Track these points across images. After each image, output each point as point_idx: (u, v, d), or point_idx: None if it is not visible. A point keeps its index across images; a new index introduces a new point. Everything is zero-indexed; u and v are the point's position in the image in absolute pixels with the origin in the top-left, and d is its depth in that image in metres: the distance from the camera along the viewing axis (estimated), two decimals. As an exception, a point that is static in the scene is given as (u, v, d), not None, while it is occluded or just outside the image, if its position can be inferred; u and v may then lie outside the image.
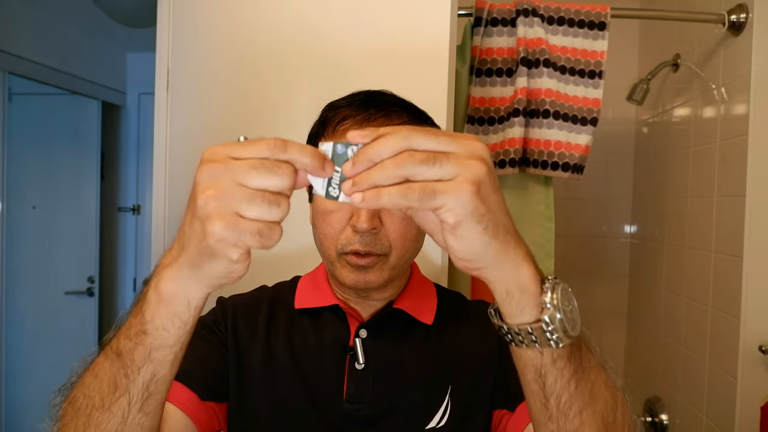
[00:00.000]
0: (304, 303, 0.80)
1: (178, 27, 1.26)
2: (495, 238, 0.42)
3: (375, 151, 0.40)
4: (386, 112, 0.71)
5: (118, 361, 0.50)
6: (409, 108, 0.75)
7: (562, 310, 0.45)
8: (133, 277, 3.09)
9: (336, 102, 0.76)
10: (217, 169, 0.40)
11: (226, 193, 0.39)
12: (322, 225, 0.72)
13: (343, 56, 1.19)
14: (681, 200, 1.75)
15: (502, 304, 0.47)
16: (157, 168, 1.28)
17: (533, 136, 1.41)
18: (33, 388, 2.68)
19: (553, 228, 1.47)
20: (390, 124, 0.69)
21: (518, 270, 0.45)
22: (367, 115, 0.71)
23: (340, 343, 0.77)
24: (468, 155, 0.41)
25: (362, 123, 0.70)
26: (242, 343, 0.77)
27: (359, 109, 0.72)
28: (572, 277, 2.36)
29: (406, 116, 0.73)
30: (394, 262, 0.72)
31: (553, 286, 0.46)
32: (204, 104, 1.25)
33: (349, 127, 0.70)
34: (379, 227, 0.70)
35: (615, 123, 2.20)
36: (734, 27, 1.42)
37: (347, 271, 0.72)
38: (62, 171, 2.86)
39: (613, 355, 2.24)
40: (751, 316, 1.35)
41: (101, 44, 2.87)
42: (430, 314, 0.80)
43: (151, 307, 0.47)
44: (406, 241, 0.72)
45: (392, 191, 0.40)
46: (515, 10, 1.40)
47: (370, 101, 0.73)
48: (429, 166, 0.39)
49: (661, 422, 1.81)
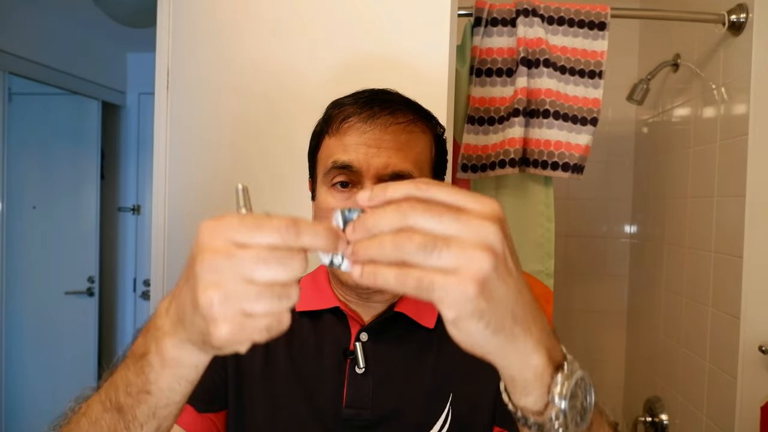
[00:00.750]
0: (305, 305, 0.79)
1: (178, 27, 1.26)
2: (499, 333, 0.38)
3: (373, 223, 0.37)
4: (391, 110, 0.71)
5: (119, 416, 0.47)
6: (414, 107, 0.75)
7: (571, 405, 0.41)
8: (133, 277, 3.09)
9: (340, 100, 0.76)
10: (219, 261, 0.35)
11: (232, 293, 0.35)
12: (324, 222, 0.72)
13: (342, 55, 1.19)
14: (681, 200, 1.75)
15: (507, 387, 0.44)
16: (157, 168, 1.28)
17: (533, 136, 1.41)
18: (33, 388, 2.68)
19: (553, 228, 1.47)
20: (395, 122, 0.70)
21: (526, 360, 0.41)
22: (371, 113, 0.71)
23: (340, 346, 0.76)
24: (474, 243, 0.36)
25: (367, 120, 0.70)
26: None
27: (364, 106, 0.71)
28: (572, 277, 2.37)
29: (411, 114, 0.73)
30: None
31: (567, 377, 0.42)
32: (204, 104, 1.25)
33: (353, 124, 0.70)
34: None
35: (615, 123, 2.20)
36: (734, 27, 1.42)
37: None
38: (62, 171, 2.86)
39: (613, 355, 2.25)
40: (751, 316, 1.35)
41: (101, 44, 2.87)
42: (432, 318, 0.78)
43: (155, 370, 0.44)
44: None
45: (389, 275, 0.36)
46: (515, 10, 1.40)
47: (375, 99, 0.72)
48: (428, 254, 0.35)
49: (661, 422, 1.81)
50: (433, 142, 0.76)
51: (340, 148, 0.71)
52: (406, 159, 0.69)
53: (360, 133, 0.70)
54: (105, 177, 3.00)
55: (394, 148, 0.69)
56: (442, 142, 0.79)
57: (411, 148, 0.71)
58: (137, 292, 3.08)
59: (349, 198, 0.70)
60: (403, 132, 0.70)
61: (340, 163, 0.70)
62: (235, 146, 1.24)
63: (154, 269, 1.29)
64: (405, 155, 0.70)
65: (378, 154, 0.69)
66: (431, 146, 0.75)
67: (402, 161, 0.69)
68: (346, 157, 0.70)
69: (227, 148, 1.24)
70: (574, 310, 2.25)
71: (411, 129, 0.72)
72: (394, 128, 0.70)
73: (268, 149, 1.21)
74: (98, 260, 2.91)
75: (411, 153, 0.70)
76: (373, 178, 0.68)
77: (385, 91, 0.76)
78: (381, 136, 0.69)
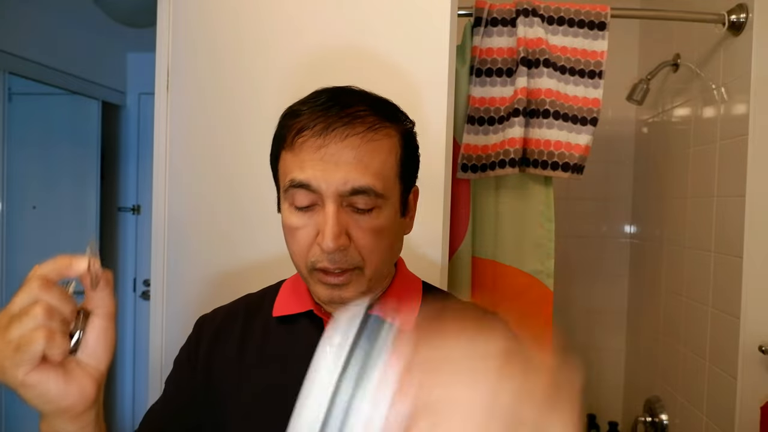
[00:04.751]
0: (281, 310, 0.78)
1: (178, 27, 1.26)
2: None
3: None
4: (349, 119, 0.65)
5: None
6: (377, 107, 0.68)
7: None
8: (133, 277, 3.09)
9: (295, 106, 0.69)
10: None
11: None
12: (290, 241, 0.69)
13: (342, 55, 1.19)
14: (681, 200, 1.75)
15: None
16: (157, 168, 1.28)
17: (533, 136, 1.41)
18: (33, 388, 2.68)
19: (553, 228, 1.47)
20: (353, 132, 0.65)
21: None
22: (326, 124, 0.64)
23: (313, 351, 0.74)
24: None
25: (322, 133, 0.64)
26: (216, 366, 0.77)
27: (319, 117, 0.65)
28: (572, 277, 2.37)
29: (371, 118, 0.66)
30: (370, 275, 0.68)
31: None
32: (204, 104, 1.25)
33: (307, 139, 0.65)
34: (347, 244, 0.65)
35: (615, 123, 2.20)
36: (734, 27, 1.42)
37: (321, 288, 0.68)
38: (62, 171, 2.85)
39: (613, 355, 2.25)
40: (751, 316, 1.35)
41: (101, 44, 2.87)
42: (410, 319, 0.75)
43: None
44: (380, 252, 0.68)
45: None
46: (515, 10, 1.40)
47: (332, 105, 0.66)
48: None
49: (661, 422, 1.81)
50: (399, 142, 0.70)
51: (296, 164, 0.66)
52: (366, 172, 0.64)
53: (315, 148, 0.64)
54: (105, 177, 3.00)
55: (353, 162, 0.64)
56: (411, 138, 0.73)
57: (372, 158, 0.65)
58: (137, 292, 3.08)
59: (311, 218, 0.66)
60: (362, 142, 0.65)
61: (297, 182, 0.65)
62: (235, 146, 1.24)
63: (154, 269, 1.29)
64: (365, 168, 0.64)
65: (336, 169, 0.64)
66: (398, 148, 0.69)
67: (362, 175, 0.64)
68: (302, 175, 0.65)
69: (227, 148, 1.24)
70: (574, 310, 2.25)
71: (372, 136, 0.66)
72: (352, 140, 0.64)
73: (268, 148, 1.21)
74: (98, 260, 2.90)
75: (373, 163, 0.65)
76: (334, 195, 0.64)
77: (345, 92, 0.69)
78: (338, 150, 0.64)
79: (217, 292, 1.21)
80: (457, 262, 1.43)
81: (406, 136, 0.72)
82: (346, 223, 0.65)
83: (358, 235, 0.66)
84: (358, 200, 0.65)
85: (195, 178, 1.26)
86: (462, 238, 1.44)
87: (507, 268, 1.48)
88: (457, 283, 1.43)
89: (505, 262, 1.48)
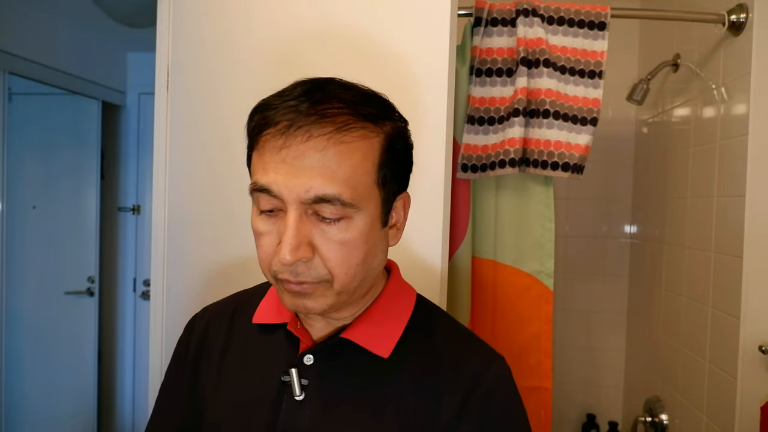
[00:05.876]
0: (261, 317, 0.74)
1: (178, 27, 1.26)
2: None
3: None
4: (317, 117, 0.58)
5: None
6: (357, 102, 0.61)
7: None
8: (132, 277, 3.09)
9: (267, 100, 0.63)
10: None
11: None
12: (257, 246, 0.63)
13: (342, 55, 1.19)
14: (681, 200, 1.75)
15: None
16: (157, 168, 1.28)
17: (533, 136, 1.41)
18: (32, 388, 2.68)
19: (553, 228, 1.47)
20: (320, 133, 0.58)
21: None
22: (290, 122, 0.58)
23: (283, 368, 0.68)
24: None
25: (284, 133, 0.58)
26: (202, 370, 0.76)
27: (286, 112, 0.59)
28: (572, 277, 2.38)
29: (344, 117, 0.59)
30: (340, 289, 0.62)
31: None
32: (204, 104, 1.25)
33: (269, 139, 0.59)
34: (309, 256, 0.59)
35: (615, 123, 2.20)
36: (734, 27, 1.42)
37: (286, 296, 0.63)
38: (62, 171, 2.85)
39: (613, 355, 2.25)
40: (751, 316, 1.35)
41: (101, 44, 2.87)
42: (388, 344, 0.68)
43: None
44: (351, 267, 0.61)
45: None
46: (515, 10, 1.40)
47: (305, 99, 0.59)
48: None
49: (661, 422, 1.81)
50: (380, 144, 0.62)
51: (260, 165, 0.60)
52: (333, 179, 0.57)
53: (277, 149, 0.58)
54: (105, 177, 3.00)
55: (317, 166, 0.57)
56: (398, 139, 0.65)
57: (341, 164, 0.58)
58: (137, 292, 3.08)
59: (275, 224, 0.61)
60: (329, 143, 0.58)
61: (259, 185, 0.60)
62: (235, 146, 1.23)
63: (154, 269, 1.29)
64: (332, 174, 0.58)
65: (298, 174, 0.57)
66: (377, 151, 0.62)
67: (327, 182, 0.57)
68: (264, 179, 0.59)
69: (227, 148, 1.24)
70: (574, 310, 2.25)
71: (341, 138, 0.58)
72: (317, 141, 0.57)
73: (268, 149, 1.21)
74: (98, 260, 2.90)
75: (341, 169, 0.58)
76: (295, 203, 0.58)
77: (326, 84, 0.62)
78: (301, 152, 0.57)
79: (217, 292, 1.21)
80: (457, 262, 1.43)
81: (393, 137, 0.64)
82: (310, 233, 0.59)
83: (323, 247, 0.60)
84: (324, 209, 0.58)
85: (195, 178, 1.26)
86: (462, 238, 1.44)
87: (507, 268, 1.48)
88: (457, 284, 1.43)
89: (505, 262, 1.48)
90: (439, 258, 1.17)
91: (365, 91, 0.64)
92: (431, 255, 1.17)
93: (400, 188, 0.68)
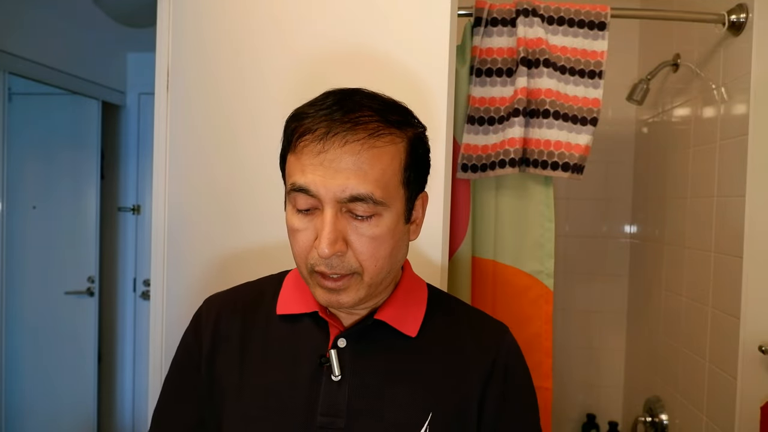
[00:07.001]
0: (286, 308, 0.78)
1: (178, 27, 1.26)
2: None
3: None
4: (351, 125, 0.65)
5: None
6: (385, 112, 0.68)
7: None
8: (132, 277, 3.09)
9: (301, 109, 0.70)
10: None
11: None
12: (292, 242, 0.70)
13: (342, 55, 1.19)
14: (681, 200, 1.75)
15: None
16: (157, 168, 1.28)
17: (533, 136, 1.41)
18: (33, 388, 2.68)
19: (553, 228, 1.47)
20: (354, 139, 0.64)
21: None
22: (327, 129, 0.64)
23: (317, 352, 0.74)
24: None
25: (322, 138, 0.64)
26: (218, 361, 0.77)
27: (321, 121, 0.65)
28: (572, 277, 2.38)
29: (375, 124, 0.66)
30: (370, 281, 0.69)
31: None
32: (204, 104, 1.25)
33: (308, 144, 0.65)
34: (344, 250, 0.66)
35: (615, 123, 2.20)
36: (734, 27, 1.42)
37: (319, 291, 0.69)
38: (62, 171, 2.85)
39: (613, 355, 2.25)
40: (751, 316, 1.35)
41: (101, 44, 2.87)
42: (414, 325, 0.76)
43: None
44: (379, 260, 0.68)
45: None
46: (515, 10, 1.40)
47: (337, 108, 0.66)
48: None
49: (661, 422, 1.81)
50: (405, 149, 0.69)
51: (298, 168, 0.66)
52: (366, 179, 0.64)
53: (315, 153, 0.65)
54: (105, 177, 3.00)
55: (352, 168, 0.64)
56: (419, 144, 0.72)
57: (373, 166, 0.65)
58: (137, 292, 3.08)
59: (311, 221, 0.67)
60: (363, 148, 0.64)
61: (297, 186, 0.66)
62: (235, 146, 1.24)
63: (154, 269, 1.29)
64: (365, 175, 0.64)
65: (335, 176, 0.64)
66: (403, 154, 0.69)
67: (361, 182, 0.64)
68: (303, 180, 0.65)
69: (227, 148, 1.24)
70: (574, 310, 2.25)
71: (373, 143, 0.65)
72: (353, 146, 0.64)
73: (268, 149, 1.21)
74: (98, 260, 2.90)
75: (373, 171, 0.65)
76: (332, 201, 0.65)
77: (353, 95, 0.69)
78: (338, 156, 0.64)
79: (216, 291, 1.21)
80: (457, 262, 1.43)
81: (415, 142, 0.71)
82: (344, 230, 0.66)
83: (356, 242, 0.67)
84: (357, 207, 0.65)
85: (195, 178, 1.26)
86: (462, 238, 1.44)
87: (507, 268, 1.48)
88: (457, 283, 1.43)
89: (505, 262, 1.48)
90: (440, 258, 1.18)
91: (388, 100, 0.71)
92: (431, 255, 1.17)
93: (420, 188, 0.74)
